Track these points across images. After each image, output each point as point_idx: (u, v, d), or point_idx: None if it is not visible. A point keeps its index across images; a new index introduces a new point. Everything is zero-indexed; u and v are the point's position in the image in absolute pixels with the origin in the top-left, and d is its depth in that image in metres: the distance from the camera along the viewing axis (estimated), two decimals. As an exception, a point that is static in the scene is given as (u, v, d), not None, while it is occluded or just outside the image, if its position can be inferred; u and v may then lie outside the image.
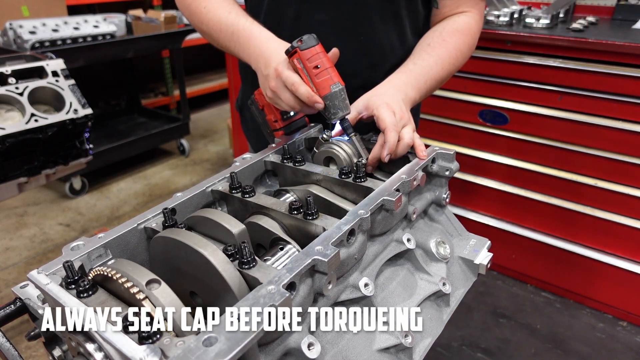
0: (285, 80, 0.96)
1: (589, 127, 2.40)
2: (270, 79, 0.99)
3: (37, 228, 3.61)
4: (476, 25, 1.23)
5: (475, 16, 1.23)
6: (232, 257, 0.65)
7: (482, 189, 2.86)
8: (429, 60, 1.14)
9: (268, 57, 1.01)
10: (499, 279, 2.98)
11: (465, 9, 1.23)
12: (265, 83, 1.02)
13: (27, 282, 0.69)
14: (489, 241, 0.99)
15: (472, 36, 1.22)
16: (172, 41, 4.33)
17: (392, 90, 1.04)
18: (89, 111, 2.21)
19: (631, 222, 2.41)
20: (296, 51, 0.95)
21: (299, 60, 0.96)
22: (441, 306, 0.90)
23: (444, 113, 2.79)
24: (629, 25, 2.58)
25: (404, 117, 0.98)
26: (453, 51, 1.17)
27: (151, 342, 0.51)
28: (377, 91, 1.05)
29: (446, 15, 1.23)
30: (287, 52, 0.97)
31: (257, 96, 1.16)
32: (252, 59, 1.07)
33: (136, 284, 0.59)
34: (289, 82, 0.96)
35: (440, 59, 1.14)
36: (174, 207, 0.81)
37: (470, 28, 1.21)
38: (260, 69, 1.04)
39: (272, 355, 0.62)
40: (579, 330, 2.59)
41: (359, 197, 0.85)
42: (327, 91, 0.95)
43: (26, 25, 3.41)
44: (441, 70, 1.14)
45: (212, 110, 6.17)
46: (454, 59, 1.17)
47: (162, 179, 4.37)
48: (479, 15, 1.25)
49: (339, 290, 0.74)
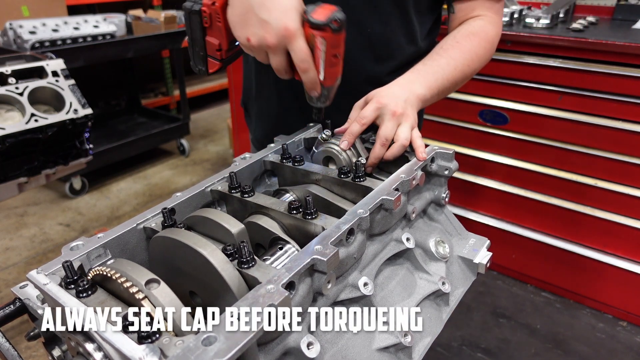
0: (294, 50, 0.82)
1: (589, 127, 2.40)
2: (271, 31, 0.82)
3: (37, 228, 3.61)
4: (493, 29, 1.21)
5: (492, 20, 1.21)
6: (231, 256, 0.65)
7: (482, 189, 2.86)
8: (440, 60, 1.12)
9: (280, 2, 0.82)
10: (499, 279, 2.98)
11: (480, 13, 1.21)
12: (257, 27, 0.83)
13: (27, 282, 0.69)
14: (488, 240, 0.99)
15: (489, 40, 1.19)
16: (172, 41, 4.33)
17: (396, 88, 1.02)
18: (89, 111, 2.21)
19: (631, 222, 2.41)
20: (325, 30, 0.80)
21: (324, 43, 0.81)
22: (440, 305, 0.90)
23: (444, 113, 2.79)
24: (629, 25, 2.58)
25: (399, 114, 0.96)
26: (467, 53, 1.14)
27: (150, 342, 0.51)
28: (381, 89, 1.04)
29: (462, 19, 1.22)
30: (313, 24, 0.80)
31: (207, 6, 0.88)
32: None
33: (135, 283, 0.59)
34: (298, 57, 0.83)
35: (453, 60, 1.12)
36: (173, 207, 0.81)
37: (487, 32, 1.19)
38: (257, 5, 0.82)
39: (271, 354, 0.62)
40: (579, 330, 2.59)
41: (358, 197, 0.85)
42: (331, 83, 0.88)
43: (26, 25, 3.42)
44: (454, 71, 1.12)
45: (212, 110, 6.18)
46: (468, 61, 1.14)
47: (162, 179, 4.38)
48: (496, 18, 1.22)
49: (339, 290, 0.74)
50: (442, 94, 1.14)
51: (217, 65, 0.93)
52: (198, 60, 0.95)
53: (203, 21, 0.90)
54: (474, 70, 1.17)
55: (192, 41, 0.94)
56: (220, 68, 0.93)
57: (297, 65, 0.84)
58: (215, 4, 0.87)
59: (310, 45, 0.82)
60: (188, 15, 0.91)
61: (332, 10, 0.82)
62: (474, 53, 1.16)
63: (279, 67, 0.87)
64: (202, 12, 0.89)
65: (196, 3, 0.89)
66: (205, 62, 0.94)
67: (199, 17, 0.90)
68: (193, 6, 0.89)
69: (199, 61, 0.95)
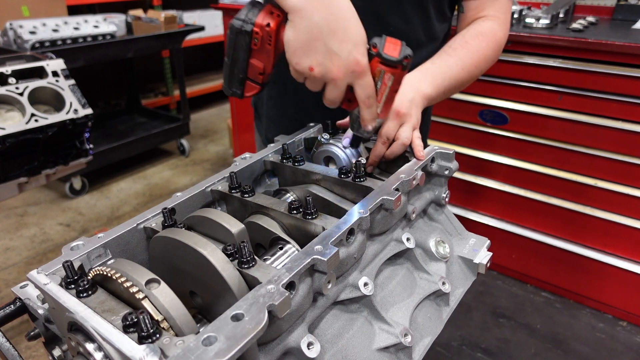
0: (361, 86, 0.81)
1: (589, 127, 2.40)
2: (340, 64, 0.78)
3: (37, 228, 3.61)
4: (501, 30, 1.22)
5: (500, 21, 1.22)
6: (231, 256, 0.65)
7: (482, 189, 2.86)
8: (448, 60, 1.12)
9: (351, 34, 0.78)
10: (499, 279, 2.98)
11: (489, 13, 1.22)
12: (324, 57, 0.78)
13: (27, 282, 0.69)
14: (488, 240, 0.99)
15: (497, 41, 1.20)
16: (172, 41, 4.33)
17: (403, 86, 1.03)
18: (89, 111, 2.21)
19: (631, 222, 2.42)
20: (397, 67, 0.79)
21: (392, 79, 0.80)
22: (441, 305, 0.90)
23: (444, 113, 2.79)
24: (629, 25, 2.58)
25: (402, 114, 0.96)
26: (475, 53, 1.15)
27: (151, 342, 0.51)
28: None
29: (471, 19, 1.23)
30: (386, 60, 0.78)
31: (260, 28, 0.81)
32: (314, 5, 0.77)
33: (136, 283, 0.59)
34: (365, 93, 0.81)
35: (461, 60, 1.13)
36: (173, 207, 0.81)
37: (495, 33, 1.20)
38: (326, 34, 0.77)
39: (271, 354, 0.62)
40: (579, 330, 2.59)
41: (358, 197, 0.85)
42: (385, 116, 0.87)
43: (26, 25, 3.42)
44: (461, 71, 1.12)
45: (212, 110, 6.18)
46: (476, 62, 1.15)
47: (162, 179, 4.38)
48: (505, 19, 1.23)
49: (339, 290, 0.74)
50: (449, 93, 1.14)
51: (256, 89, 0.87)
52: (235, 82, 0.87)
53: (252, 42, 0.82)
54: (480, 71, 1.18)
55: (232, 62, 0.86)
56: (257, 92, 0.88)
57: (362, 100, 0.82)
58: (269, 26, 0.80)
59: (375, 79, 0.81)
60: (235, 35, 0.82)
61: (400, 45, 0.80)
62: (482, 54, 1.16)
63: (336, 99, 0.83)
64: (254, 33, 0.81)
65: (246, 22, 0.81)
66: (243, 85, 0.87)
67: (248, 38, 0.82)
68: (243, 26, 0.81)
69: (235, 83, 0.87)
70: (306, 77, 0.83)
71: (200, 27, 4.55)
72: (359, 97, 0.82)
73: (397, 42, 0.81)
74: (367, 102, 0.82)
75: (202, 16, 5.19)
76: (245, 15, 0.81)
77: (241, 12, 0.81)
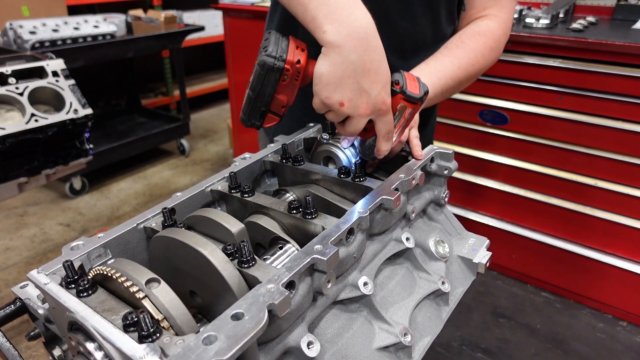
0: (383, 122, 0.84)
1: (589, 127, 2.40)
2: (369, 102, 0.81)
3: (37, 228, 3.61)
4: (500, 29, 1.21)
5: (500, 20, 1.21)
6: (231, 256, 0.65)
7: (482, 189, 2.87)
8: (443, 60, 1.12)
9: (382, 76, 0.81)
10: (499, 278, 2.98)
11: (490, 12, 1.21)
12: (354, 94, 0.80)
13: (27, 282, 0.69)
14: (487, 240, 0.99)
15: (495, 39, 1.19)
16: (172, 41, 4.34)
17: None
18: (89, 111, 2.21)
19: (631, 222, 2.42)
20: (418, 103, 0.84)
21: (411, 113, 0.85)
22: (440, 305, 0.90)
23: (444, 113, 2.79)
24: (629, 25, 2.58)
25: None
26: (472, 52, 1.15)
27: (151, 341, 0.51)
28: None
29: (472, 18, 1.23)
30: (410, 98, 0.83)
31: (290, 65, 0.80)
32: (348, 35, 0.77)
33: (136, 283, 0.59)
34: (386, 128, 0.85)
35: (457, 59, 1.12)
36: (173, 206, 0.81)
37: (493, 31, 1.19)
38: (360, 73, 0.78)
39: (271, 353, 0.62)
40: (579, 330, 2.59)
41: (358, 197, 0.85)
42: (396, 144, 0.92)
43: (26, 25, 3.42)
44: (458, 70, 1.12)
45: (212, 110, 6.18)
46: (473, 60, 1.15)
47: (162, 179, 4.38)
48: (506, 19, 1.22)
49: (338, 289, 0.74)
50: (447, 94, 1.14)
51: (276, 120, 0.87)
52: (255, 114, 0.86)
53: (281, 79, 0.82)
54: (479, 69, 1.18)
55: (257, 96, 0.84)
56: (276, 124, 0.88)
57: (383, 135, 0.86)
58: (299, 63, 0.80)
59: (395, 114, 0.85)
60: (266, 72, 0.80)
61: (418, 81, 0.85)
62: (478, 52, 1.16)
63: (356, 132, 0.86)
64: (284, 70, 0.80)
65: (277, 60, 0.79)
66: (264, 117, 0.87)
67: (278, 75, 0.81)
68: (275, 64, 0.79)
69: (255, 115, 0.86)
70: (332, 110, 0.83)
71: (200, 27, 4.55)
72: (380, 132, 0.86)
73: (415, 78, 0.86)
74: (387, 137, 0.86)
75: (202, 16, 5.20)
76: (276, 52, 0.79)
77: (269, 48, 0.79)
